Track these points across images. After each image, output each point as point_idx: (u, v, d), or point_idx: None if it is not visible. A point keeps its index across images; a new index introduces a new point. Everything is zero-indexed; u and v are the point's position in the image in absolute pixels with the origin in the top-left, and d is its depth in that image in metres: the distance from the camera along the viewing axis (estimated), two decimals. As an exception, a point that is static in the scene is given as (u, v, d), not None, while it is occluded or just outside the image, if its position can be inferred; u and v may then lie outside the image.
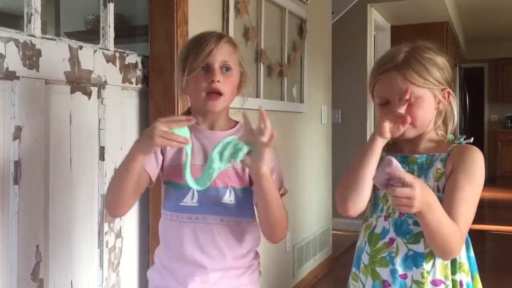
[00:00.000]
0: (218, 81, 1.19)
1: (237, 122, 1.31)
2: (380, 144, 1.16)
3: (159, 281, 1.28)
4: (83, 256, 1.62)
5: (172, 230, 1.24)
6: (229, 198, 1.22)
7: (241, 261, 1.25)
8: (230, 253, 1.22)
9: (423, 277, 1.14)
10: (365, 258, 1.21)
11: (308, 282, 3.15)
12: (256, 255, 1.32)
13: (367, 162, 1.15)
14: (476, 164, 1.16)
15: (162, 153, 1.25)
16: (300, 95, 3.11)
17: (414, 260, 1.15)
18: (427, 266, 1.14)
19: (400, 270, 1.15)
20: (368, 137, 1.37)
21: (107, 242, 1.68)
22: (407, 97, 1.13)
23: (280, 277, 2.80)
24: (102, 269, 1.67)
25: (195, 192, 1.20)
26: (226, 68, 1.22)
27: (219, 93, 1.20)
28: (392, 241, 1.17)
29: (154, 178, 1.22)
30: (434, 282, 1.14)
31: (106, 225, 1.68)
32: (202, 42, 1.22)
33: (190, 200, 1.21)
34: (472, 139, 1.25)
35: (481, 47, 8.40)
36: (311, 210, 3.28)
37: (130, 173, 1.12)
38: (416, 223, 1.15)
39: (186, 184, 1.14)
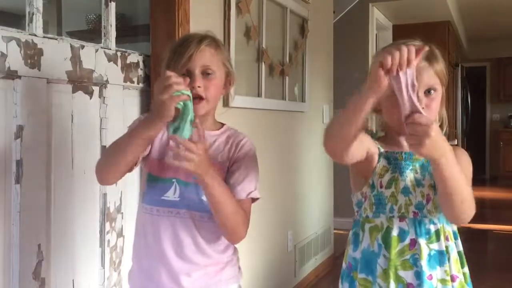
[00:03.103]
0: (199, 87, 1.20)
1: (223, 124, 1.32)
2: (371, 102, 0.99)
3: (138, 283, 1.28)
4: (84, 255, 1.62)
5: (151, 224, 1.24)
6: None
7: (219, 256, 1.26)
8: (208, 248, 1.23)
9: (447, 274, 1.14)
10: (382, 262, 1.17)
11: (309, 282, 3.15)
12: (235, 250, 1.32)
13: (358, 121, 1.01)
14: (470, 167, 1.19)
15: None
16: (301, 95, 3.10)
17: (437, 259, 1.14)
18: (448, 262, 1.15)
19: (427, 272, 1.13)
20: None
21: (108, 241, 1.69)
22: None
23: (281, 276, 2.80)
24: (104, 268, 1.67)
25: (177, 186, 1.21)
26: (207, 72, 1.22)
27: (201, 98, 1.21)
28: (414, 242, 1.15)
29: (139, 161, 1.22)
30: (452, 278, 1.15)
31: (107, 224, 1.68)
32: (182, 47, 1.23)
33: (172, 195, 1.22)
34: (456, 141, 1.26)
35: (483, 47, 8.39)
36: (312, 210, 3.28)
37: (141, 139, 1.11)
38: (432, 222, 1.15)
39: (168, 178, 1.19)
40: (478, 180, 8.20)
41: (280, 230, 2.79)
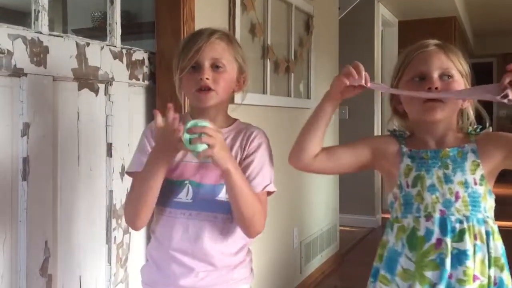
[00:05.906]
0: (207, 78, 1.18)
1: (235, 120, 1.30)
2: (333, 107, 1.26)
3: (149, 276, 1.28)
4: (91, 251, 1.63)
5: (164, 225, 1.24)
6: (225, 195, 1.19)
7: (231, 259, 1.24)
8: (220, 251, 1.21)
9: (465, 274, 1.09)
10: (405, 263, 1.15)
11: (315, 278, 3.15)
12: (248, 251, 1.30)
13: (322, 125, 1.29)
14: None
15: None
16: (307, 91, 3.10)
17: (457, 258, 1.10)
18: (471, 263, 1.10)
19: (449, 270, 1.10)
20: (375, 133, 1.37)
21: (115, 237, 1.69)
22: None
23: (287, 273, 2.81)
24: (110, 265, 1.68)
25: (190, 188, 1.20)
26: (217, 65, 1.20)
27: (210, 89, 1.19)
28: (440, 241, 1.11)
29: None
30: (473, 279, 1.11)
31: (114, 221, 1.69)
32: (193, 40, 1.21)
33: (184, 197, 1.20)
34: (490, 128, 1.25)
35: (490, 42, 8.34)
36: (318, 206, 3.28)
37: (155, 186, 1.14)
38: (458, 220, 1.11)
39: (180, 180, 1.19)
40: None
41: (286, 227, 2.79)
